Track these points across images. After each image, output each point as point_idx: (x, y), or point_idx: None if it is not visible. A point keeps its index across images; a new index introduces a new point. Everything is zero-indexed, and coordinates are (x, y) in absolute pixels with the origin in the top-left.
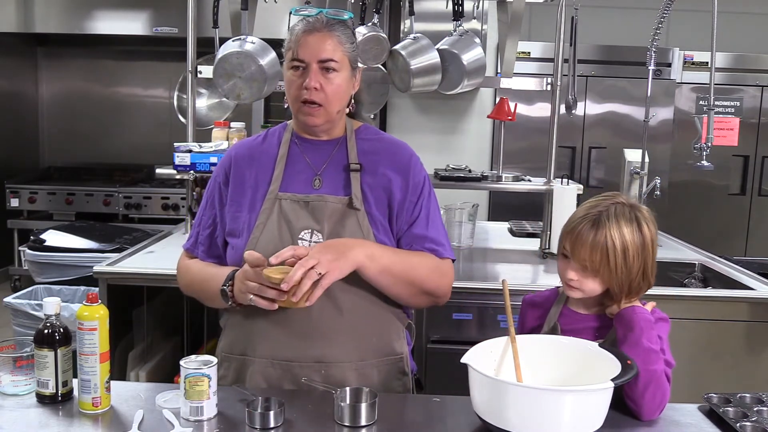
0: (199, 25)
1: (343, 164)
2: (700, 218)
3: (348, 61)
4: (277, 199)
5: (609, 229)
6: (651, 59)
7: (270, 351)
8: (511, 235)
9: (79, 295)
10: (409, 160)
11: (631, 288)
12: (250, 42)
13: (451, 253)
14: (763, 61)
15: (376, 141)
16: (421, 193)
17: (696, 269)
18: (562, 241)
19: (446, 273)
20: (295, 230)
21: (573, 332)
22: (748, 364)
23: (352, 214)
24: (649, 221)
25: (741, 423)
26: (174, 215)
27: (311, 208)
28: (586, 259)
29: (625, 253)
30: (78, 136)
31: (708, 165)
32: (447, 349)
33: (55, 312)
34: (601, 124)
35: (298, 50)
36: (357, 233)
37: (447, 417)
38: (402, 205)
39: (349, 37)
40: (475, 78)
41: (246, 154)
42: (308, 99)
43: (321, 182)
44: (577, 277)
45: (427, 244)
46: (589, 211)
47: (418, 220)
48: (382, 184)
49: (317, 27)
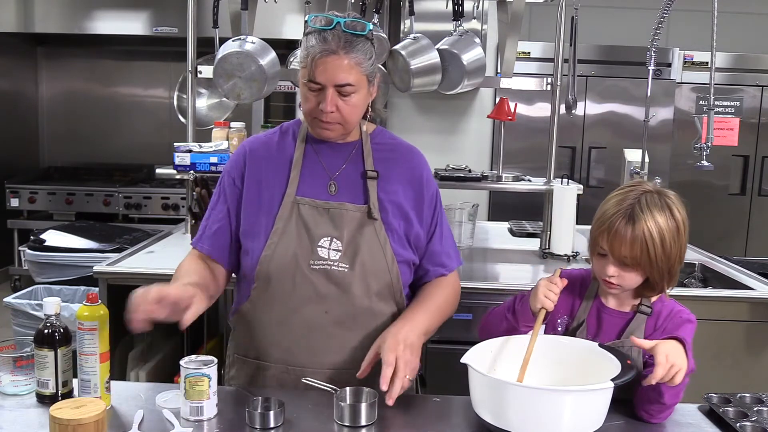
0: (199, 25)
1: (359, 170)
2: (700, 218)
3: (366, 78)
4: (295, 204)
5: (645, 222)
6: (651, 59)
7: (285, 358)
8: (511, 235)
9: (79, 295)
10: (422, 171)
11: (670, 273)
12: (250, 42)
13: (459, 261)
14: (763, 61)
15: (392, 147)
16: (435, 207)
17: (696, 269)
18: (597, 240)
19: (457, 289)
20: (315, 237)
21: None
22: (748, 364)
23: (369, 224)
24: (679, 205)
25: (741, 423)
26: (174, 215)
27: (331, 216)
28: (627, 255)
29: (662, 242)
30: (78, 136)
31: (708, 165)
32: (447, 349)
33: (55, 312)
34: (601, 124)
35: (314, 73)
36: (374, 242)
37: (447, 417)
38: (420, 218)
39: (368, 52)
40: (475, 78)
41: (262, 151)
42: (324, 120)
43: (336, 188)
44: (617, 273)
45: (440, 260)
46: (620, 206)
47: (434, 236)
48: (396, 193)
49: (333, 49)
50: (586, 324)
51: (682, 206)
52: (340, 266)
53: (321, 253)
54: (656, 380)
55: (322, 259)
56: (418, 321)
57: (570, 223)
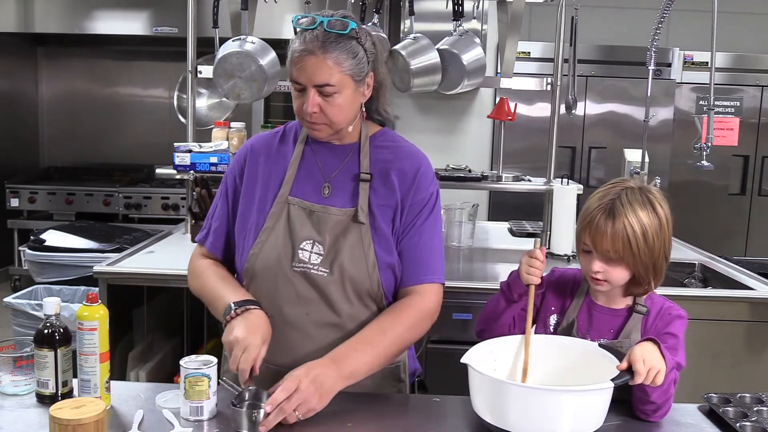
0: (199, 25)
1: (353, 172)
2: (700, 218)
3: (350, 78)
4: (286, 204)
5: (626, 217)
6: (651, 59)
7: (267, 355)
8: (511, 235)
9: (79, 295)
10: (416, 172)
11: (656, 268)
12: (250, 42)
13: (438, 277)
14: (763, 61)
15: (393, 149)
16: (421, 211)
17: (696, 269)
18: (581, 236)
19: (426, 313)
20: (298, 239)
21: (593, 331)
22: (748, 364)
23: (355, 228)
24: (662, 200)
25: (741, 423)
26: (174, 215)
27: (315, 219)
28: (609, 249)
29: (645, 236)
30: (78, 136)
31: (708, 165)
32: (447, 349)
33: (55, 312)
34: (601, 124)
35: (294, 72)
36: (357, 247)
37: (447, 417)
38: (401, 219)
39: (351, 51)
40: (475, 78)
41: (263, 149)
42: (309, 120)
43: (330, 190)
44: (603, 269)
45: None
46: (601, 201)
47: (408, 238)
48: (391, 197)
49: (312, 49)
50: (576, 322)
51: (665, 202)
52: (320, 270)
53: (302, 256)
54: (636, 383)
55: (302, 262)
56: (346, 364)
57: (570, 223)
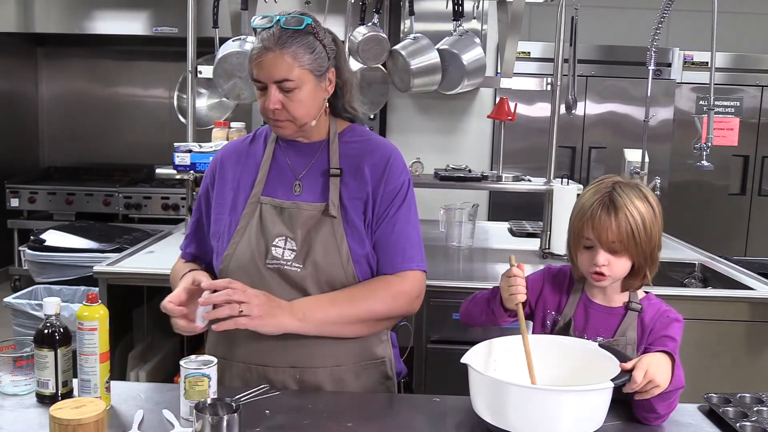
0: (199, 25)
1: (323, 168)
2: (700, 218)
3: (310, 72)
4: (258, 203)
5: (627, 207)
6: (651, 59)
7: (247, 356)
8: (511, 235)
9: (79, 295)
10: (386, 164)
11: (652, 257)
12: (250, 42)
13: (416, 264)
14: (763, 61)
15: (362, 143)
16: (393, 201)
17: (696, 269)
18: (581, 232)
19: (402, 292)
20: (270, 236)
21: (590, 329)
22: (748, 364)
23: (327, 222)
24: (649, 192)
25: (741, 423)
26: (174, 215)
27: (287, 215)
28: (615, 240)
29: (644, 225)
30: (78, 136)
31: (708, 165)
32: (447, 349)
33: (55, 312)
34: (601, 124)
35: (254, 71)
36: (330, 241)
37: (447, 417)
38: (374, 211)
39: (308, 46)
40: (475, 78)
41: (232, 154)
42: (272, 117)
43: (301, 187)
44: (608, 262)
45: (386, 253)
46: (596, 196)
47: (382, 228)
48: (362, 189)
49: (268, 46)
50: (573, 320)
51: (652, 193)
52: (293, 266)
53: (275, 253)
54: (629, 390)
55: (276, 259)
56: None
57: None
